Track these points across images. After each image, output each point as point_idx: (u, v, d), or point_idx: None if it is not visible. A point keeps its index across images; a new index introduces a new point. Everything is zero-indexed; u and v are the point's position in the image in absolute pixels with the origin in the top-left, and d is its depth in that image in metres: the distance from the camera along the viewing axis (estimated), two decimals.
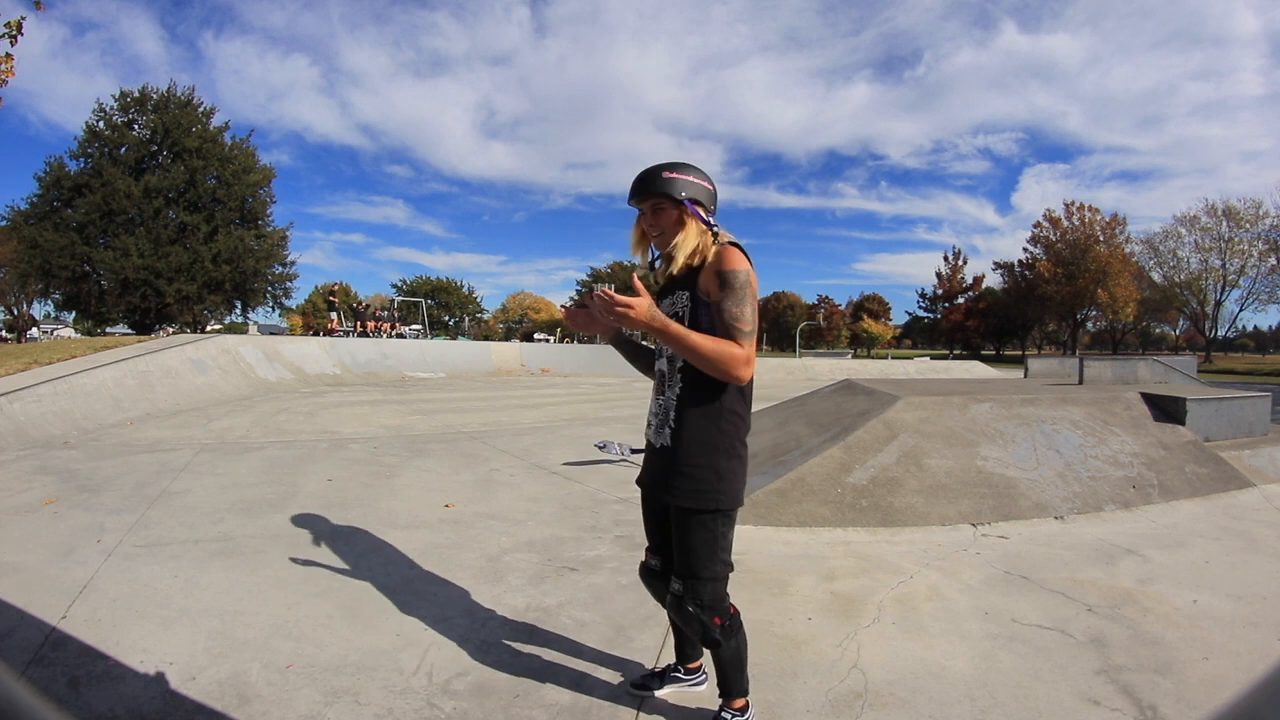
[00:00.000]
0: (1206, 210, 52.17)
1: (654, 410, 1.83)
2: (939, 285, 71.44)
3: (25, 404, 6.50)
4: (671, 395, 1.75)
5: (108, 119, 29.12)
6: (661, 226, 1.75)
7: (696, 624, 1.72)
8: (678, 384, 1.74)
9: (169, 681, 2.04)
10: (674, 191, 1.71)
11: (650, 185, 1.73)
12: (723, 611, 1.75)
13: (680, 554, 1.74)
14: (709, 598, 1.72)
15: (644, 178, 1.74)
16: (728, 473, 1.71)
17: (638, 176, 1.76)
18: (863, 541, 3.58)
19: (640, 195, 1.75)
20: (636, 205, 1.80)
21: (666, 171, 1.72)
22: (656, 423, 1.80)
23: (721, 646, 1.76)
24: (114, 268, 27.67)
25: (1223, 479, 4.64)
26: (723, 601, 1.76)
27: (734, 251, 1.69)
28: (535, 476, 5.09)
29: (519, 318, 78.77)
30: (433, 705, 1.96)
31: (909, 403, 4.80)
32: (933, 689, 2.10)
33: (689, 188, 1.74)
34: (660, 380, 1.82)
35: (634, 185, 1.77)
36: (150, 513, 3.83)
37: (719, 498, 1.70)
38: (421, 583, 2.90)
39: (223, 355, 11.30)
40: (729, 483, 1.71)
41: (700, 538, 1.70)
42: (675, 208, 1.73)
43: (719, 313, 1.65)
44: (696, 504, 1.70)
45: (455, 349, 19.43)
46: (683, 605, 1.73)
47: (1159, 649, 2.38)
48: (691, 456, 1.70)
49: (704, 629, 1.72)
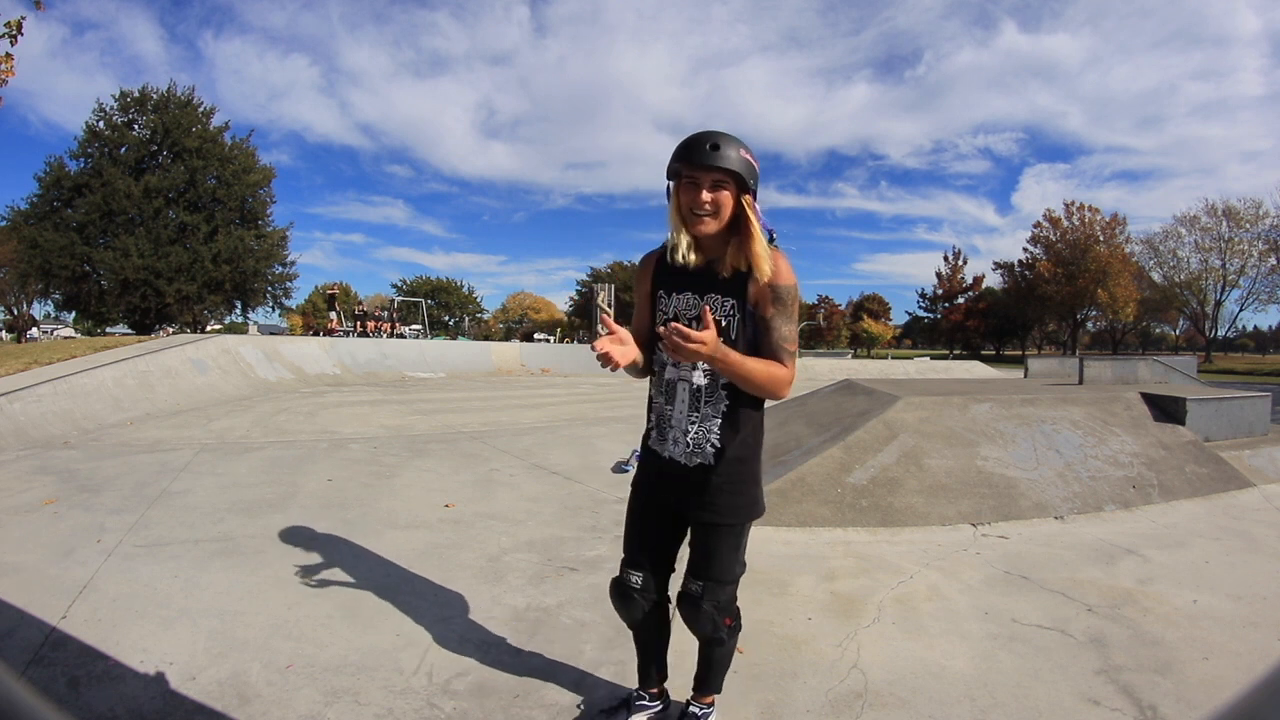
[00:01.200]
0: (1206, 210, 52.28)
1: (679, 426, 1.65)
2: (939, 285, 71.45)
3: (25, 404, 6.50)
4: (712, 412, 1.61)
5: (108, 119, 29.15)
6: (717, 207, 1.49)
7: (709, 623, 1.69)
8: (722, 401, 1.60)
9: (169, 681, 2.04)
10: (747, 175, 1.48)
11: (723, 156, 1.45)
12: (734, 612, 1.75)
13: (703, 560, 1.69)
14: (725, 599, 1.71)
15: (718, 144, 1.45)
16: (760, 479, 1.71)
17: (708, 138, 1.47)
18: (863, 541, 3.58)
19: (703, 164, 1.46)
20: (689, 172, 1.49)
21: (741, 148, 1.48)
22: (690, 441, 1.63)
23: (724, 645, 1.76)
24: (114, 268, 27.68)
25: (1223, 479, 4.64)
26: (735, 602, 1.76)
27: (785, 261, 1.53)
28: (535, 476, 5.09)
29: (519, 318, 78.83)
30: (433, 705, 1.96)
31: (909, 403, 4.80)
32: (933, 689, 2.10)
33: (754, 176, 1.52)
34: (687, 393, 1.64)
35: (699, 148, 1.46)
36: (150, 513, 3.83)
37: (757, 508, 1.69)
38: (421, 583, 2.90)
39: (223, 355, 11.30)
40: (761, 488, 1.72)
41: (729, 545, 1.67)
42: (735, 192, 1.50)
43: (769, 330, 1.53)
44: (739, 519, 1.66)
45: (455, 349, 19.42)
46: (699, 605, 1.68)
47: (1159, 649, 2.38)
48: (738, 474, 1.64)
49: (714, 628, 1.71)
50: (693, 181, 1.49)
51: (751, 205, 1.52)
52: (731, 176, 1.48)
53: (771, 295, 1.52)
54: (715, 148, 1.45)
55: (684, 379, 1.64)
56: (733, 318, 1.56)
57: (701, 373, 1.61)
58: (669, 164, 1.54)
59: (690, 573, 1.72)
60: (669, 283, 1.64)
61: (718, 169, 1.46)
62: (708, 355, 1.40)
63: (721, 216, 1.51)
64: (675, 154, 1.51)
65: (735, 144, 1.48)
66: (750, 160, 1.50)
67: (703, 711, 1.84)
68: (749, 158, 1.50)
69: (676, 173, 1.53)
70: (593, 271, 70.01)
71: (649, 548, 1.77)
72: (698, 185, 1.49)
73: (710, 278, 1.57)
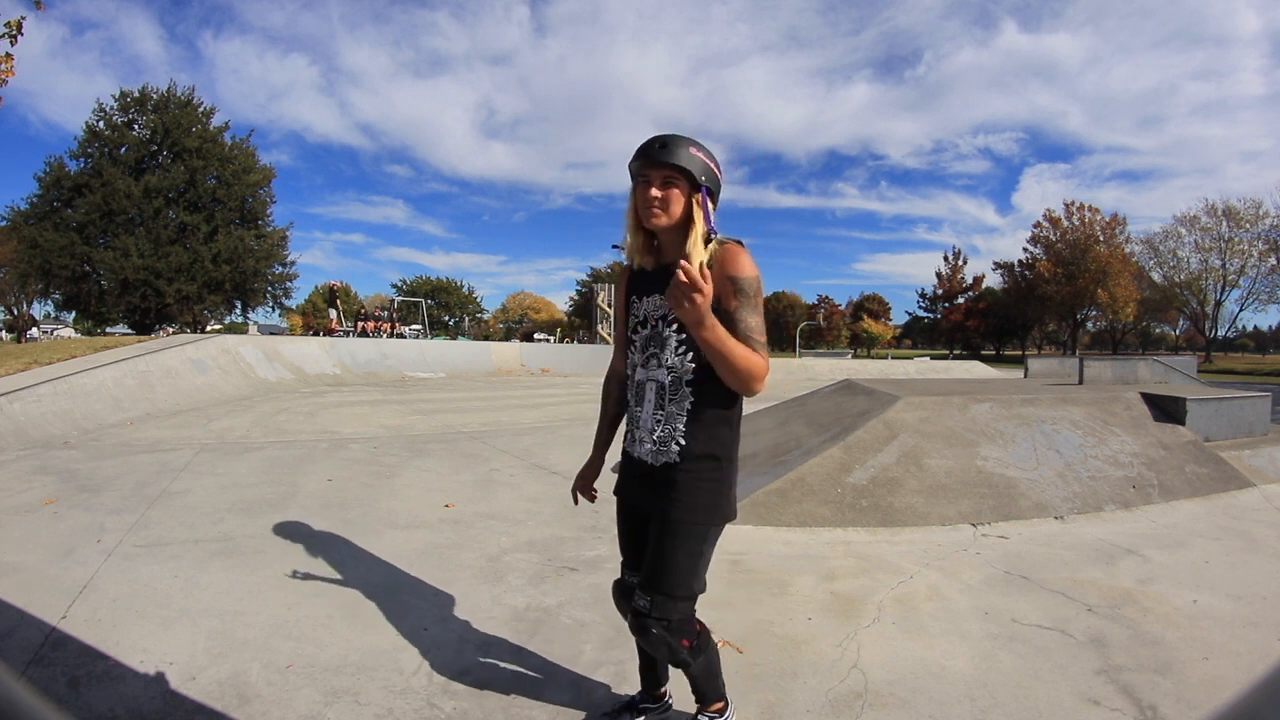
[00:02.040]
0: (1206, 210, 52.30)
1: (645, 425, 1.64)
2: (939, 285, 71.48)
3: (25, 404, 6.50)
4: (676, 409, 1.59)
5: (108, 119, 29.15)
6: (666, 202, 1.52)
7: (663, 647, 1.60)
8: (686, 398, 1.57)
9: (169, 681, 2.04)
10: (695, 171, 1.51)
11: (670, 153, 1.50)
12: (690, 633, 1.64)
13: (655, 567, 1.59)
14: (677, 618, 1.59)
15: (665, 143, 1.51)
16: (732, 485, 1.65)
17: (655, 139, 1.53)
18: (863, 541, 3.58)
19: (653, 161, 1.51)
20: (641, 170, 1.54)
21: (692, 147, 1.52)
22: (656, 439, 1.62)
23: (691, 666, 1.66)
24: (114, 268, 27.69)
25: (1223, 479, 4.64)
26: (691, 623, 1.64)
27: (744, 253, 1.53)
28: (535, 476, 5.09)
29: (519, 318, 78.82)
30: (433, 705, 1.96)
31: (909, 403, 4.80)
32: (933, 689, 2.10)
33: (708, 174, 1.54)
34: (654, 392, 1.62)
35: (650, 147, 1.52)
36: (150, 513, 3.83)
37: (719, 513, 1.61)
38: (421, 583, 2.90)
39: (223, 355, 11.30)
40: (732, 495, 1.65)
41: (685, 550, 1.58)
42: (687, 190, 1.53)
43: (734, 323, 1.49)
44: (703, 520, 1.59)
45: (455, 349, 19.43)
46: (647, 626, 1.58)
47: (1159, 649, 2.38)
48: (704, 471, 1.59)
49: (671, 651, 1.61)
50: (645, 179, 1.53)
51: (700, 202, 1.53)
52: (680, 173, 1.51)
53: (733, 288, 1.50)
54: (664, 146, 1.50)
55: (651, 379, 1.63)
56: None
57: (666, 370, 1.60)
58: (629, 165, 1.57)
59: (640, 585, 1.62)
60: (639, 288, 1.68)
61: (667, 165, 1.50)
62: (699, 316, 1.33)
63: (672, 212, 1.52)
64: (633, 155, 1.56)
65: (686, 143, 1.52)
66: (702, 158, 1.52)
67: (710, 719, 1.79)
68: (701, 156, 1.53)
69: (634, 173, 1.57)
70: (593, 271, 69.97)
71: (637, 548, 1.75)
72: (649, 182, 1.53)
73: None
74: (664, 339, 1.61)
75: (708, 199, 1.55)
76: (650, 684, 1.91)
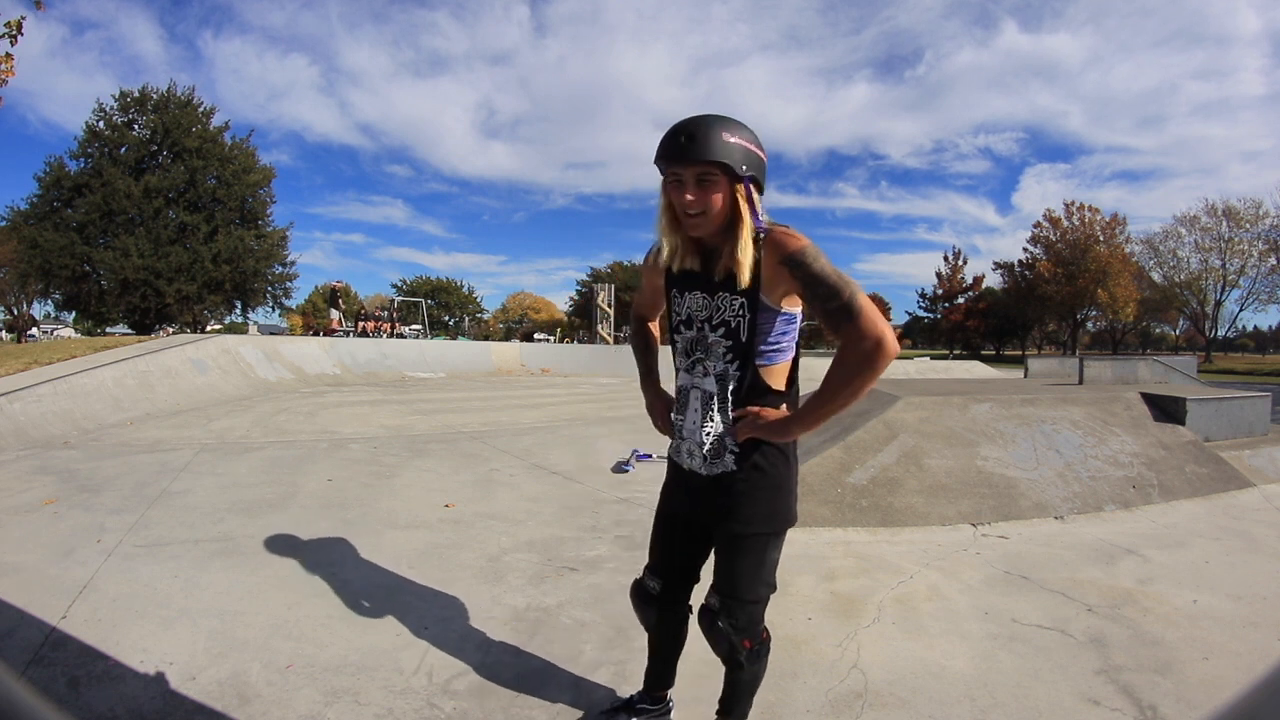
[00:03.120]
0: (1206, 210, 52.19)
1: (694, 437, 1.54)
2: (939, 285, 71.40)
3: (25, 404, 6.50)
4: (724, 419, 1.50)
5: (108, 119, 29.13)
6: (704, 204, 1.32)
7: (725, 644, 1.57)
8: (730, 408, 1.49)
9: (169, 681, 2.04)
10: (735, 162, 1.30)
11: (702, 146, 1.27)
12: (756, 635, 1.60)
13: (725, 574, 1.57)
14: (745, 620, 1.56)
15: (693, 133, 1.28)
16: (793, 487, 1.57)
17: (682, 129, 1.30)
18: (863, 541, 3.58)
19: (682, 158, 1.30)
20: (670, 169, 1.35)
21: (725, 131, 1.29)
22: (706, 453, 1.52)
23: (744, 670, 1.62)
24: (114, 268, 27.67)
25: (1223, 479, 4.64)
26: (758, 625, 1.61)
27: (791, 232, 1.36)
28: (535, 476, 5.09)
29: (519, 318, 78.81)
30: (433, 705, 1.96)
31: (909, 403, 4.80)
32: (933, 689, 2.10)
33: (750, 160, 1.32)
34: (699, 401, 1.53)
35: (676, 140, 1.30)
36: (150, 513, 3.83)
37: (782, 518, 1.55)
38: (421, 583, 2.90)
39: (223, 355, 11.30)
40: (793, 497, 1.58)
41: (753, 559, 1.53)
42: (728, 185, 1.32)
43: (816, 303, 1.33)
44: (763, 528, 1.52)
45: (455, 349, 19.42)
46: (715, 623, 1.56)
47: (1159, 649, 2.38)
48: (761, 480, 1.50)
49: (731, 649, 1.57)
50: (677, 179, 1.35)
51: (745, 196, 1.34)
52: (718, 166, 1.30)
53: (789, 271, 1.34)
54: (692, 138, 1.28)
55: (695, 386, 1.53)
56: (742, 317, 1.42)
57: (714, 379, 1.49)
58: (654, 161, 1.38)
59: (713, 587, 1.61)
60: (680, 282, 1.53)
61: (701, 161, 1.29)
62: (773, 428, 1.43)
63: (713, 215, 1.35)
64: (657, 151, 1.35)
65: (719, 128, 1.29)
66: (741, 144, 1.31)
67: None
68: (740, 141, 1.31)
69: (661, 170, 1.39)
70: (593, 271, 69.92)
71: (671, 555, 1.72)
72: (682, 183, 1.34)
73: (722, 280, 1.43)
74: (709, 345, 1.50)
75: (753, 190, 1.36)
76: (654, 684, 1.88)
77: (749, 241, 1.35)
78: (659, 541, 1.75)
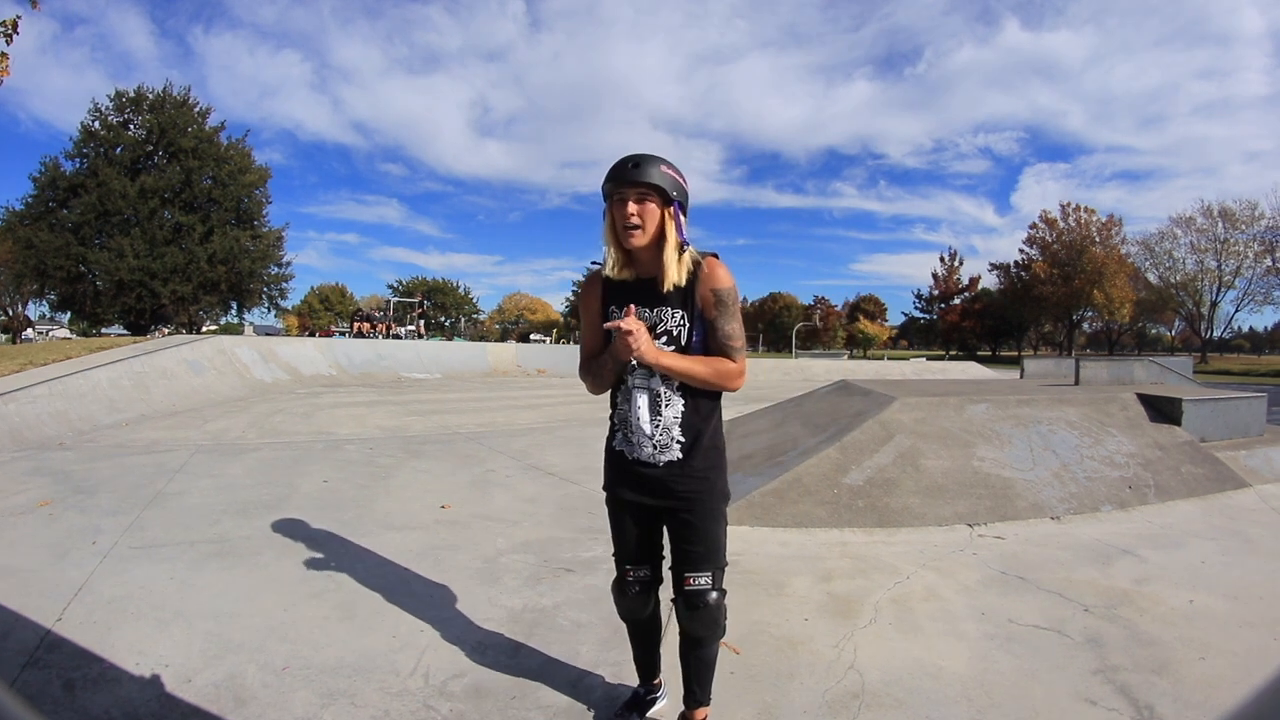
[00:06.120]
0: (1202, 211, 52.53)
1: (642, 430, 1.73)
2: (935, 286, 71.69)
3: (20, 405, 6.47)
4: (672, 412, 1.71)
5: (103, 119, 29.06)
6: (641, 220, 1.63)
7: (718, 612, 1.74)
8: (678, 403, 1.71)
9: (165, 684, 2.03)
10: (667, 187, 1.62)
11: (643, 172, 1.61)
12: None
13: (701, 549, 1.75)
14: (723, 586, 1.77)
15: (638, 163, 1.62)
16: (725, 467, 1.82)
17: (629, 159, 1.63)
18: (859, 542, 3.58)
19: (627, 181, 1.62)
20: (616, 190, 1.64)
21: (662, 165, 1.64)
22: (656, 442, 1.72)
23: (715, 638, 1.80)
24: (109, 268, 27.59)
25: (1218, 479, 4.66)
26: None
27: (721, 266, 1.69)
28: (531, 477, 5.08)
29: (515, 318, 78.80)
30: (429, 707, 1.95)
31: (905, 403, 4.81)
32: (929, 689, 2.10)
33: (678, 189, 1.66)
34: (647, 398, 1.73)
35: (624, 167, 1.63)
36: (146, 514, 3.82)
37: (727, 490, 1.82)
38: (418, 584, 2.90)
39: (218, 356, 11.27)
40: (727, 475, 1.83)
41: (721, 528, 1.78)
42: (661, 206, 1.64)
43: (714, 331, 1.68)
44: (721, 502, 1.78)
45: (451, 350, 19.41)
46: (706, 595, 1.73)
47: (1156, 649, 2.38)
48: (708, 463, 1.75)
49: (723, 614, 1.76)
50: (621, 198, 1.63)
51: (673, 216, 1.65)
52: (654, 190, 1.61)
53: (714, 299, 1.67)
54: (636, 165, 1.61)
55: (641, 386, 1.73)
56: (683, 327, 1.69)
57: (660, 378, 1.71)
58: (601, 186, 1.67)
59: (692, 567, 1.74)
60: (619, 298, 1.74)
61: (640, 183, 1.61)
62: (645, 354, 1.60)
63: (648, 228, 1.63)
64: (606, 177, 1.67)
65: (657, 162, 1.64)
66: (673, 175, 1.65)
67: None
68: (671, 173, 1.64)
69: (608, 194, 1.67)
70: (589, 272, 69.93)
71: (638, 544, 1.86)
72: (625, 200, 1.63)
73: (656, 291, 1.68)
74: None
75: (679, 212, 1.67)
76: (648, 673, 1.98)
77: (674, 251, 1.66)
78: (625, 533, 1.89)
